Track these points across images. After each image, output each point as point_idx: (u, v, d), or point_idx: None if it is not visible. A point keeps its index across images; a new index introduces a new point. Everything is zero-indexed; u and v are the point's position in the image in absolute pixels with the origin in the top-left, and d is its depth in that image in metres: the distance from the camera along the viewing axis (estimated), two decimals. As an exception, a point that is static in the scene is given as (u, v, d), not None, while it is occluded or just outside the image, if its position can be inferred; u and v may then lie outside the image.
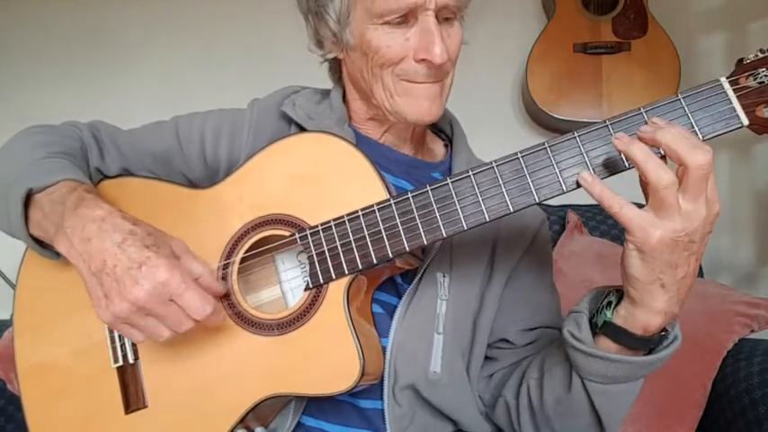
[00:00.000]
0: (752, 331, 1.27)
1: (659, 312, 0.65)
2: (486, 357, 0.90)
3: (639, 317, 0.67)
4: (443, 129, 0.98)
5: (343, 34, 0.81)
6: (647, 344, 0.69)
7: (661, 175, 0.59)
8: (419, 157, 0.93)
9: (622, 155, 0.65)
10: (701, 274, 1.57)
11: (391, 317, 0.81)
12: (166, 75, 2.07)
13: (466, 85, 1.95)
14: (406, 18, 0.77)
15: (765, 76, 0.63)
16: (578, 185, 0.66)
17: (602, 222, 1.61)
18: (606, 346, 0.70)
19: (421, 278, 0.81)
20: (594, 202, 1.76)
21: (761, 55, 0.65)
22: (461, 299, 0.84)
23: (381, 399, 0.81)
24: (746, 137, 0.67)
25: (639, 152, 0.61)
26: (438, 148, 0.97)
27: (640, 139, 0.62)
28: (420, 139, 0.93)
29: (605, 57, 1.79)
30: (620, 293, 0.71)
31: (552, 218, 1.62)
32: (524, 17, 2.01)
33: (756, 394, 1.09)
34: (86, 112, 2.00)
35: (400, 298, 0.82)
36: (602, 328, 0.70)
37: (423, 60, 0.78)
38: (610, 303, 0.71)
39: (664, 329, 0.68)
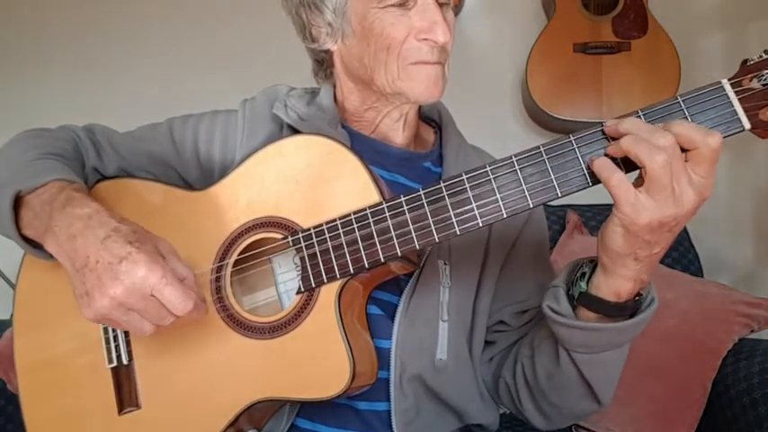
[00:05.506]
0: (752, 331, 1.28)
1: (629, 279, 0.67)
2: (486, 342, 0.91)
3: (611, 284, 0.68)
4: (432, 117, 0.99)
5: (340, 23, 0.82)
6: (623, 310, 0.70)
7: (654, 155, 0.58)
8: (411, 148, 0.93)
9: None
10: (701, 273, 1.57)
11: (390, 317, 0.82)
12: (166, 74, 2.08)
13: (466, 85, 1.97)
14: (406, 0, 0.78)
15: None
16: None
17: (602, 222, 1.60)
18: (585, 316, 0.72)
19: (422, 268, 0.82)
20: (594, 202, 1.75)
21: (765, 56, 0.61)
22: (461, 285, 0.85)
23: (380, 400, 0.81)
24: (746, 136, 0.66)
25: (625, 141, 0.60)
26: (429, 136, 0.98)
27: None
28: (413, 127, 0.93)
29: (605, 57, 1.78)
30: (593, 264, 0.72)
31: (552, 218, 1.61)
32: (524, 17, 2.01)
33: (756, 394, 1.09)
34: (86, 110, 2.01)
35: (401, 294, 0.82)
36: (578, 299, 0.72)
37: (425, 40, 0.79)
38: (584, 275, 0.73)
39: (638, 294, 0.70)
